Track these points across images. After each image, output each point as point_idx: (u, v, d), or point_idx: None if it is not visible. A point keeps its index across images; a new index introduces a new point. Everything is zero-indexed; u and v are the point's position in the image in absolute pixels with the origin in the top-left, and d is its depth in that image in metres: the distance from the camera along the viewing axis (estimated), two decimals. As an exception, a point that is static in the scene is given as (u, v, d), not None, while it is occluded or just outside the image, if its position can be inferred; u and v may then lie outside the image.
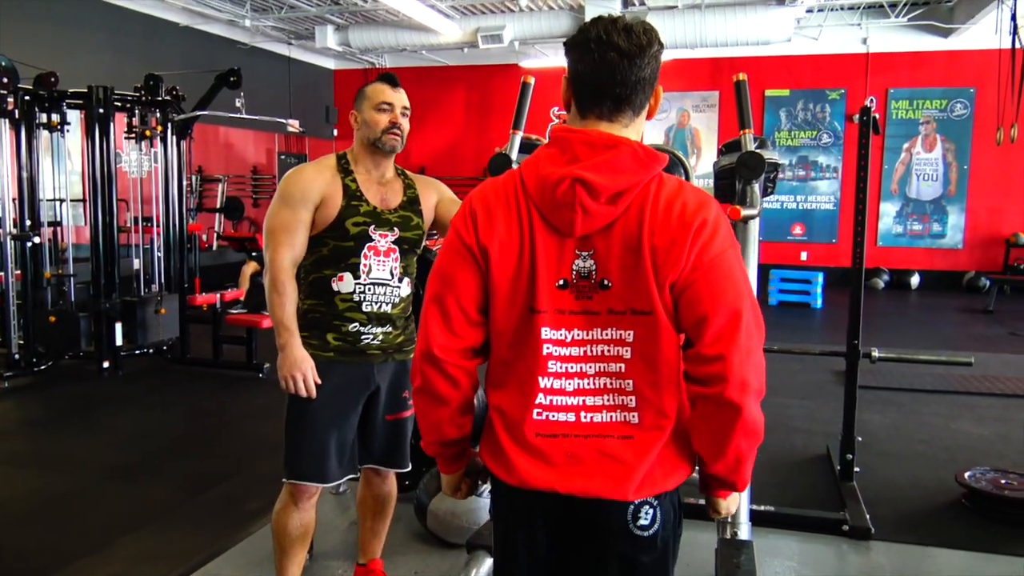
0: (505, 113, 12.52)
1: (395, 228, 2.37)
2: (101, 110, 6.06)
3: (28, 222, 6.14)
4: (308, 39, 12.09)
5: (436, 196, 2.53)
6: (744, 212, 2.25)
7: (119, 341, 6.08)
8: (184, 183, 6.91)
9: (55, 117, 6.25)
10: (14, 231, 6.03)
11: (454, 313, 1.43)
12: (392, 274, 2.38)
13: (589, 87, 1.40)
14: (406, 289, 2.43)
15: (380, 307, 2.37)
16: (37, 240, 6.11)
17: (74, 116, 6.59)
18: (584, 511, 1.40)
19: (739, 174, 2.33)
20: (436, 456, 1.59)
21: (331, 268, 2.34)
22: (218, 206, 11.03)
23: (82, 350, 6.22)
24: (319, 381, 2.31)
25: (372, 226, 2.34)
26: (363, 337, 2.36)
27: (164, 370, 6.40)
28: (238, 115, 7.92)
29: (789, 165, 11.84)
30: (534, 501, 1.42)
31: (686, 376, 1.40)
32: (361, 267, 2.34)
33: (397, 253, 2.38)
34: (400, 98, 2.37)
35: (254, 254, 8.36)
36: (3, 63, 5.72)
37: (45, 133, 6.30)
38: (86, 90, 6.10)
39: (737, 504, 1.54)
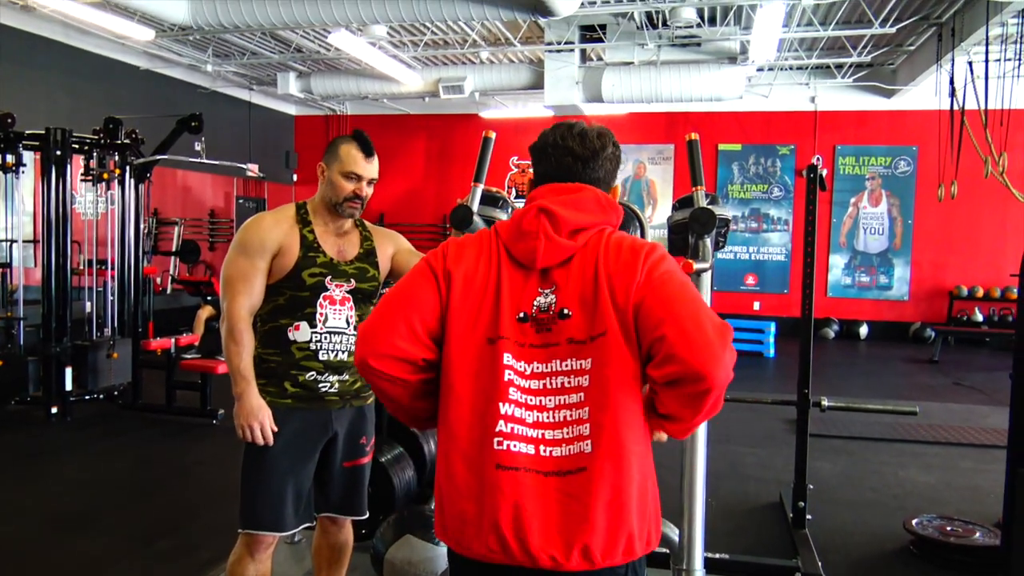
0: (465, 162, 12.76)
1: (351, 279, 2.41)
2: (58, 152, 6.02)
3: (-23, 263, 6.03)
4: (270, 85, 12.14)
5: (393, 248, 2.57)
6: (697, 266, 2.32)
7: (69, 386, 5.94)
8: (141, 226, 6.85)
9: (10, 158, 6.18)
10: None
11: (398, 323, 1.45)
12: (348, 322, 2.41)
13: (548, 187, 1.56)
14: (362, 336, 2.45)
15: (336, 355, 2.39)
16: (-14, 282, 6.01)
17: (29, 157, 6.52)
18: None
19: (691, 229, 2.41)
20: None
21: (287, 317, 2.36)
22: (174, 249, 10.90)
23: (30, 395, 6.07)
24: (276, 429, 2.31)
25: (328, 276, 2.37)
26: (321, 385, 2.38)
27: (115, 416, 6.26)
28: (197, 159, 7.89)
29: (742, 217, 12.14)
30: (490, 572, 1.41)
31: (657, 383, 1.38)
32: (317, 316, 2.36)
33: (351, 302, 2.42)
34: (371, 170, 2.40)
35: (209, 298, 8.26)
36: (-41, 104, 5.67)
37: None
38: (43, 132, 6.05)
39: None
